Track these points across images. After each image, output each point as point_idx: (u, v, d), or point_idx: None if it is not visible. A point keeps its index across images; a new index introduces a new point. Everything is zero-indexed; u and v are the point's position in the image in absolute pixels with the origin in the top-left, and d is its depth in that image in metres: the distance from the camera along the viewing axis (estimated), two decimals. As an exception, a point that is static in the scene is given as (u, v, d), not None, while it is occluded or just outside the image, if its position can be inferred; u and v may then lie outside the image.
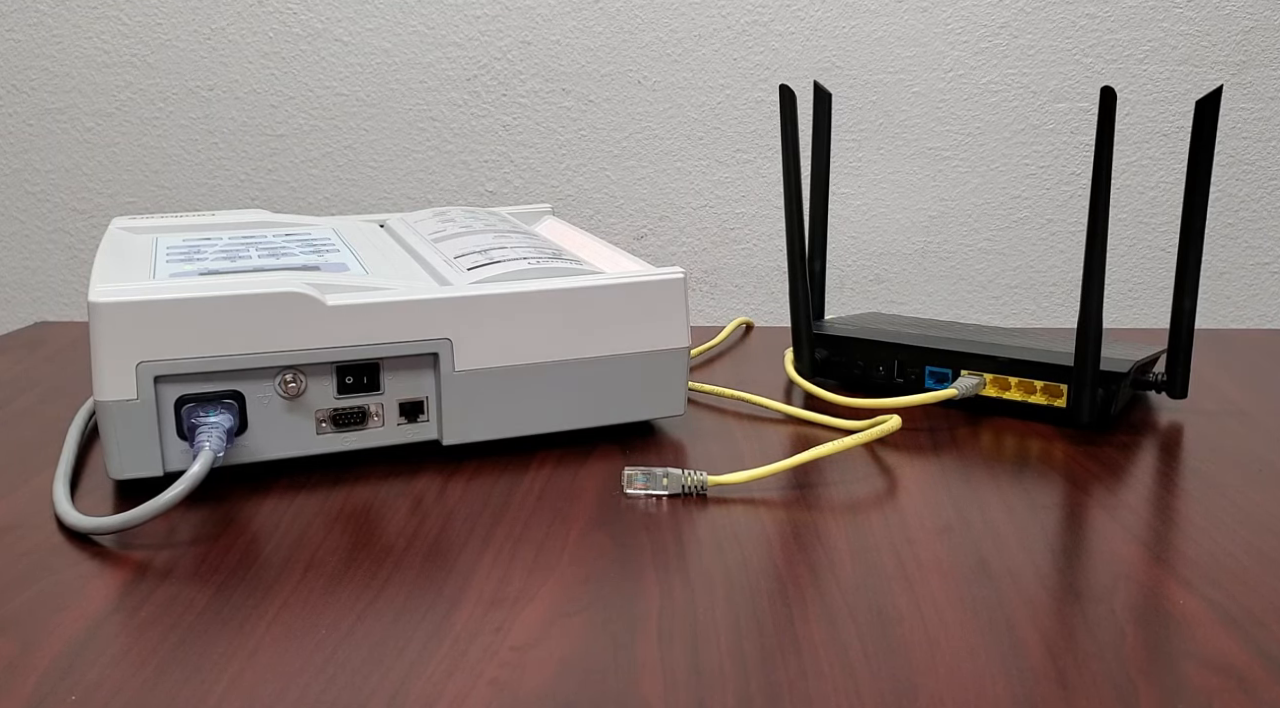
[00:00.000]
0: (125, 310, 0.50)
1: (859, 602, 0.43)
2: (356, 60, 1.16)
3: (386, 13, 1.14)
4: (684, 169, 1.17)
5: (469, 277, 0.58)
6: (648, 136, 1.16)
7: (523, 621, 0.42)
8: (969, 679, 0.38)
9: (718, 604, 0.43)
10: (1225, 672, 0.39)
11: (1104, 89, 0.56)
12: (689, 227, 1.19)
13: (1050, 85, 1.10)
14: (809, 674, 0.38)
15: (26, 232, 1.21)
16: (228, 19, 1.15)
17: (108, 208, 1.19)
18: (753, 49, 1.13)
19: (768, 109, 1.14)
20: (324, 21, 1.15)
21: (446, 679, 0.38)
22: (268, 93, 1.16)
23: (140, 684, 0.38)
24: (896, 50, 1.12)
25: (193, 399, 0.52)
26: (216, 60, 1.16)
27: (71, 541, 0.49)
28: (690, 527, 0.51)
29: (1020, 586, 0.45)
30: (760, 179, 1.17)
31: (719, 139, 1.16)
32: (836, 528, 0.50)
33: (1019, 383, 0.65)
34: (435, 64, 1.15)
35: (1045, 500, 0.53)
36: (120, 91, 1.17)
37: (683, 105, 1.15)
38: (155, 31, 1.16)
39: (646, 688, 0.37)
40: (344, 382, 0.55)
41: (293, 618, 0.42)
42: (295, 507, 0.52)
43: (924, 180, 1.15)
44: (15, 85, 1.17)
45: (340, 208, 1.18)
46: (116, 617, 0.42)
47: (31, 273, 1.22)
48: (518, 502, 0.53)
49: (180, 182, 1.19)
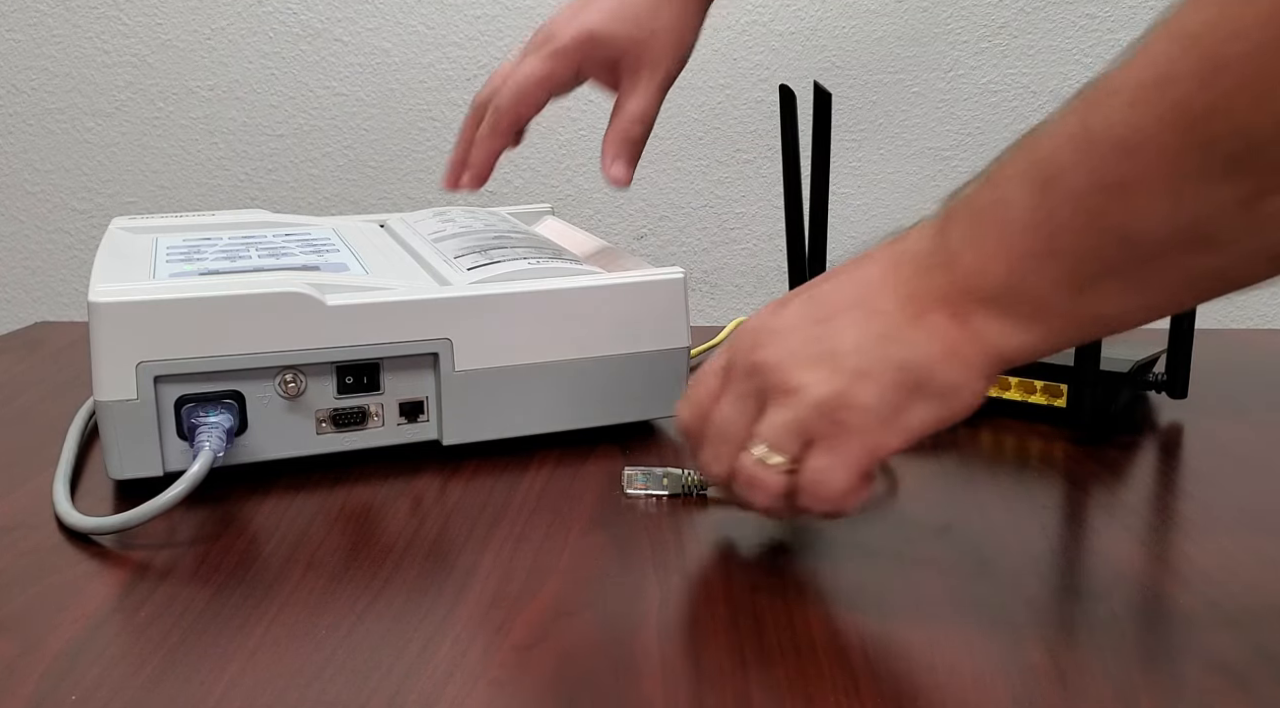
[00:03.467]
0: (125, 310, 0.50)
1: (859, 602, 0.43)
2: (356, 60, 1.16)
3: (386, 13, 1.14)
4: (684, 169, 1.17)
5: (469, 277, 0.58)
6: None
7: (523, 621, 0.42)
8: (969, 679, 0.38)
9: (718, 604, 0.43)
10: (1225, 672, 0.39)
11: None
12: (689, 227, 1.18)
13: (1050, 85, 1.10)
14: (809, 674, 0.38)
15: (26, 232, 1.21)
16: (228, 19, 1.15)
17: (108, 208, 1.19)
18: (753, 49, 1.13)
19: (768, 109, 1.14)
20: (324, 21, 1.15)
21: (447, 680, 0.38)
22: (268, 93, 1.16)
23: (140, 685, 0.38)
24: (896, 50, 1.12)
25: (193, 399, 0.52)
26: (216, 60, 1.16)
27: (71, 540, 0.49)
28: (690, 527, 0.51)
29: (1020, 585, 0.45)
30: (760, 179, 1.17)
31: (719, 139, 1.16)
32: (836, 528, 0.50)
33: (1019, 383, 0.65)
34: (435, 64, 1.15)
35: (1045, 500, 0.53)
36: (120, 91, 1.17)
37: (683, 105, 1.15)
38: (155, 31, 1.16)
39: (647, 688, 0.37)
40: (344, 382, 0.55)
41: (293, 618, 0.42)
42: (295, 507, 0.52)
43: (924, 180, 1.15)
44: (15, 85, 1.17)
45: (340, 208, 1.18)
46: (116, 617, 0.42)
47: (31, 273, 1.22)
48: (518, 502, 0.53)
49: (180, 181, 1.19)
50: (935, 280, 0.40)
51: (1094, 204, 0.35)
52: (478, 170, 0.58)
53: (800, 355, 0.41)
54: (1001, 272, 0.38)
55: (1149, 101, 0.33)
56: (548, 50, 0.58)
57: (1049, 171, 0.36)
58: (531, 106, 0.59)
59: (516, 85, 0.58)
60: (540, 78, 0.58)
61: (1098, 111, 0.35)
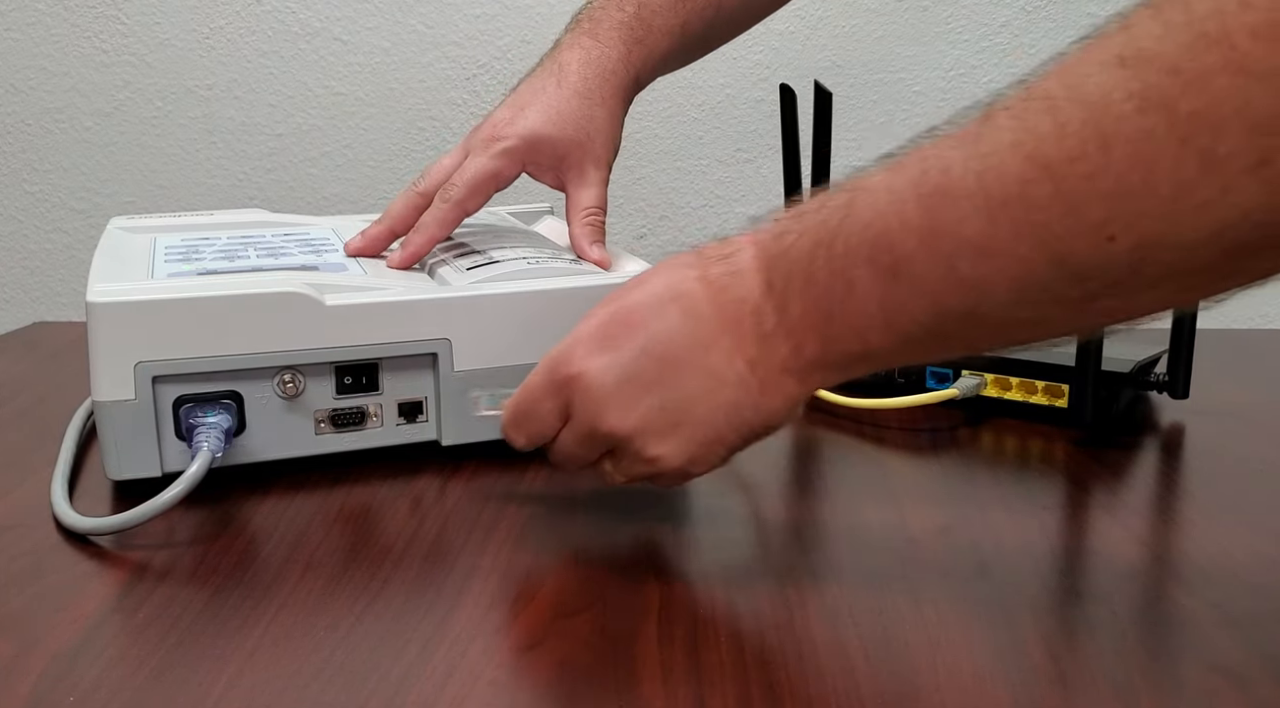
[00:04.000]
0: (123, 310, 0.50)
1: (859, 602, 0.43)
2: (355, 59, 1.15)
3: (385, 12, 1.14)
4: (684, 169, 1.17)
5: (468, 277, 0.58)
6: (648, 136, 1.15)
7: (522, 621, 0.42)
8: (969, 680, 0.38)
9: (718, 605, 0.43)
10: (1225, 672, 0.38)
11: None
12: (689, 227, 1.18)
13: (1050, 85, 1.10)
14: (809, 675, 0.38)
15: (25, 231, 1.20)
16: (226, 18, 1.15)
17: (106, 207, 1.19)
18: (753, 49, 1.13)
19: (768, 109, 1.14)
20: (323, 20, 1.15)
21: (446, 680, 0.38)
22: (266, 92, 1.16)
23: (138, 686, 0.38)
24: (897, 49, 1.12)
25: (191, 399, 0.52)
26: (215, 59, 1.16)
27: (70, 541, 0.49)
28: (690, 527, 0.50)
29: (1021, 586, 0.45)
30: (760, 179, 1.17)
31: (719, 139, 1.16)
32: (836, 528, 0.50)
33: (1020, 383, 0.64)
34: (434, 63, 1.15)
35: (1046, 501, 0.53)
36: (118, 91, 1.16)
37: (683, 105, 1.15)
38: (154, 31, 1.15)
39: (647, 689, 0.37)
40: (343, 382, 0.55)
41: (291, 619, 0.42)
42: (294, 507, 0.52)
43: (924, 180, 1.14)
44: (14, 85, 1.17)
45: (339, 208, 1.18)
46: (115, 618, 0.42)
47: (30, 273, 1.22)
48: (517, 502, 0.53)
49: (179, 181, 1.19)
50: (779, 351, 0.42)
51: (942, 296, 0.38)
52: (414, 254, 0.61)
53: (651, 430, 0.44)
54: (846, 347, 0.41)
55: (1007, 219, 0.35)
56: (497, 149, 0.61)
57: (897, 260, 0.38)
58: (480, 201, 0.62)
59: (471, 180, 0.61)
60: (491, 174, 0.61)
61: (947, 210, 0.37)
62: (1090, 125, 0.33)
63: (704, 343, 0.43)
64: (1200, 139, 0.31)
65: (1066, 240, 0.34)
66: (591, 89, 0.62)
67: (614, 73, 0.63)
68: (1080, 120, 0.33)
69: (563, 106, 0.62)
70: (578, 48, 0.63)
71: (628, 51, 0.64)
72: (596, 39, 0.63)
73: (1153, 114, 0.32)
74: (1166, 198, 0.32)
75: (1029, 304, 0.36)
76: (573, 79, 0.62)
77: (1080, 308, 0.36)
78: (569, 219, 0.64)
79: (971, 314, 0.38)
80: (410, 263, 0.61)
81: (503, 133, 0.61)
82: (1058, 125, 0.34)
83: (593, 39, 0.63)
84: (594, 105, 0.62)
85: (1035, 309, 0.37)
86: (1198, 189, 0.32)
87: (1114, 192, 0.33)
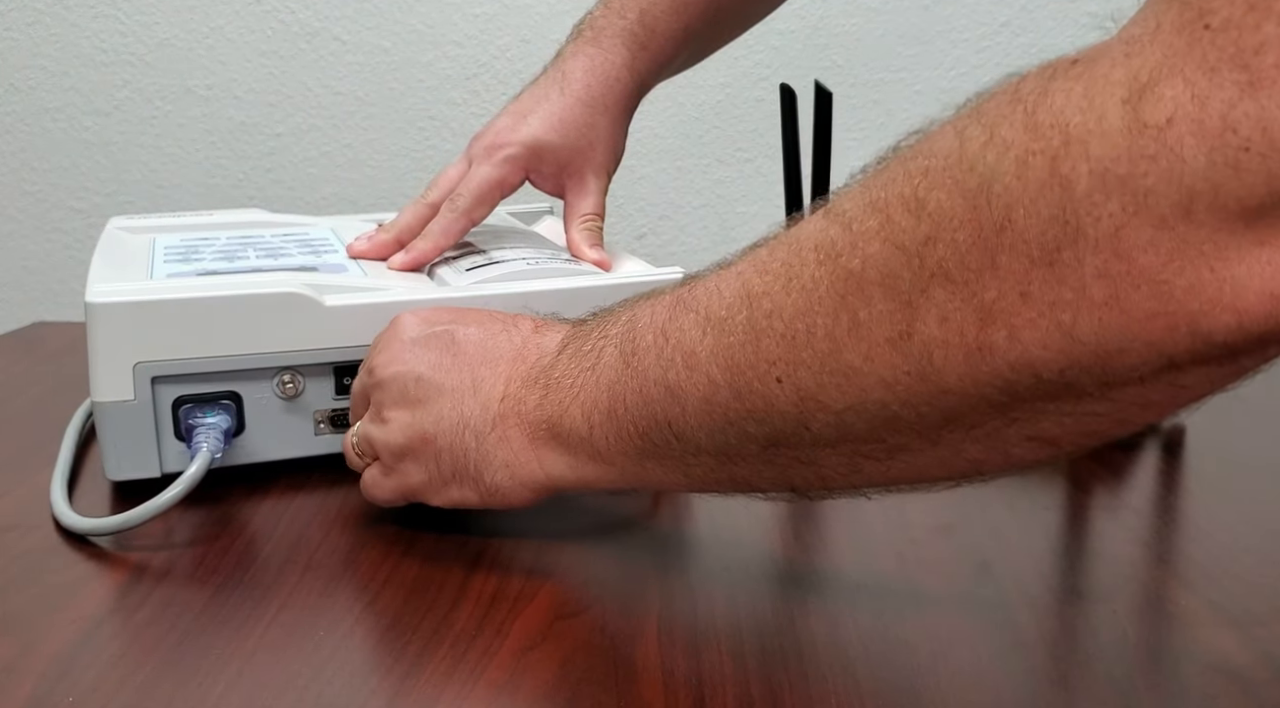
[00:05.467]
0: (122, 311, 0.50)
1: (859, 602, 0.43)
2: (355, 59, 1.15)
3: (385, 11, 1.14)
4: (684, 169, 1.17)
5: (468, 277, 0.58)
6: (648, 136, 1.15)
7: (522, 622, 0.42)
8: (970, 680, 0.38)
9: (718, 606, 0.43)
10: (1226, 672, 0.38)
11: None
12: (689, 226, 1.18)
13: (1050, 84, 1.10)
14: (809, 676, 0.38)
15: (24, 231, 1.20)
16: (226, 18, 1.15)
17: (105, 207, 1.19)
18: (753, 48, 1.13)
19: (768, 109, 1.14)
20: (322, 20, 1.15)
21: (445, 681, 0.38)
22: (266, 92, 1.16)
23: (138, 686, 0.38)
24: (898, 49, 1.12)
25: (190, 400, 0.52)
26: (214, 59, 1.16)
27: (69, 541, 0.49)
28: (690, 527, 0.50)
29: (1022, 586, 0.45)
30: (760, 179, 1.17)
31: (719, 139, 1.16)
32: (837, 528, 0.50)
33: (1019, 383, 0.64)
34: (434, 63, 1.15)
35: (1047, 501, 0.53)
36: (118, 90, 1.16)
37: (683, 104, 1.15)
38: (153, 30, 1.15)
39: (647, 690, 0.37)
40: (342, 382, 0.55)
41: (291, 620, 0.42)
42: (293, 508, 0.52)
43: (924, 180, 1.14)
44: (13, 84, 1.17)
45: (339, 208, 1.18)
46: (114, 618, 0.42)
47: (29, 273, 1.22)
48: (517, 502, 0.53)
49: (178, 181, 1.19)
50: (531, 397, 0.43)
51: (652, 396, 0.38)
52: (418, 260, 0.61)
53: (400, 389, 0.46)
54: (577, 417, 0.41)
55: (712, 336, 0.36)
56: (500, 157, 0.61)
57: (636, 349, 0.39)
58: (487, 210, 0.62)
59: (476, 189, 0.61)
60: (496, 182, 0.61)
61: (681, 316, 0.38)
62: (784, 264, 0.34)
63: (491, 358, 0.45)
64: (852, 299, 0.31)
65: (744, 372, 0.35)
66: (595, 97, 0.63)
67: (618, 79, 0.63)
68: (781, 259, 0.34)
69: (565, 114, 0.62)
70: (581, 56, 0.64)
71: (631, 58, 0.64)
72: (600, 47, 0.64)
73: (826, 265, 0.32)
74: (823, 353, 0.32)
75: (717, 431, 0.36)
76: (576, 87, 0.62)
77: (766, 457, 0.36)
78: (566, 225, 0.64)
79: (671, 427, 0.38)
80: (412, 267, 0.61)
81: (505, 140, 0.62)
82: (766, 256, 0.35)
83: (596, 47, 0.64)
84: (597, 113, 0.63)
85: (722, 438, 0.37)
86: (845, 351, 0.32)
87: (785, 334, 0.33)
